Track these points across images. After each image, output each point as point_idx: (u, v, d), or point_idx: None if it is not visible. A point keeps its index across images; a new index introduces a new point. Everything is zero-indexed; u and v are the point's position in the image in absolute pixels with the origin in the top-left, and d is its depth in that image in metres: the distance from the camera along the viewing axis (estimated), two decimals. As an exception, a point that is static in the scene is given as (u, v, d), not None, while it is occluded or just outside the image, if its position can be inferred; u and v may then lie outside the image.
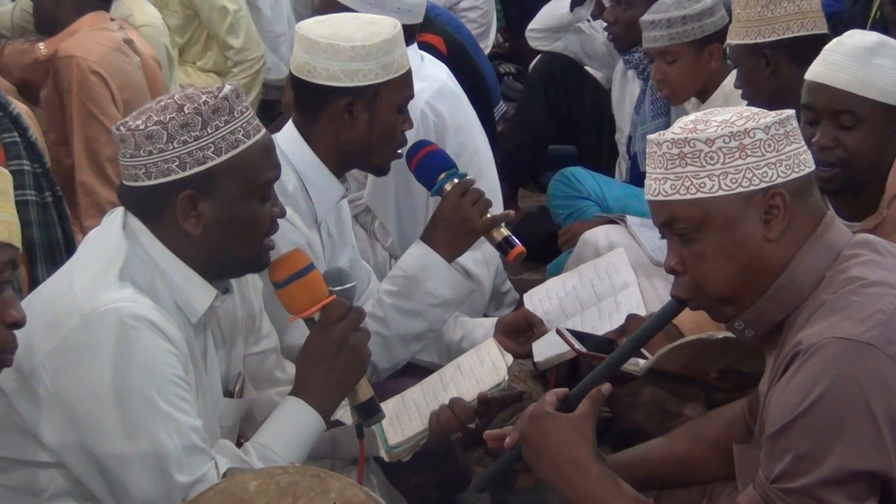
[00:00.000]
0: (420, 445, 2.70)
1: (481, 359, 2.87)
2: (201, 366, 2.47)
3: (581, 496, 2.25)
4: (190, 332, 2.42)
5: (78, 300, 2.31)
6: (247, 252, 2.44)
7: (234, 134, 2.35)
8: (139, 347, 2.27)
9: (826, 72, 2.86)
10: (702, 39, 4.01)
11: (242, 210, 2.39)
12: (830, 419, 1.97)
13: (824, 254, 2.13)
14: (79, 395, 2.29)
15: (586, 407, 2.29)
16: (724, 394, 2.63)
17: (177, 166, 2.33)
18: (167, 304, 2.37)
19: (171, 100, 2.36)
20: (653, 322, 2.43)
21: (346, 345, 2.50)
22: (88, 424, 2.30)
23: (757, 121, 2.09)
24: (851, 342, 1.98)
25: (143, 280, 2.36)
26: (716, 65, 4.05)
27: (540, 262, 4.55)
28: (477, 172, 3.79)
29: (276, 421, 2.50)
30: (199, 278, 2.40)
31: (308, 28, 2.96)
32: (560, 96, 5.34)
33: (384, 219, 3.88)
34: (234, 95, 2.37)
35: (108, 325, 2.27)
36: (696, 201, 2.10)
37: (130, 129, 2.33)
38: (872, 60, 2.83)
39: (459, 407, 2.71)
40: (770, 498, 2.03)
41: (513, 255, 3.13)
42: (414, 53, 3.91)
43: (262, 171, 2.41)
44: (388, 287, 3.20)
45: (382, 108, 2.96)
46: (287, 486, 1.76)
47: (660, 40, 4.02)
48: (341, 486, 1.76)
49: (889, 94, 2.83)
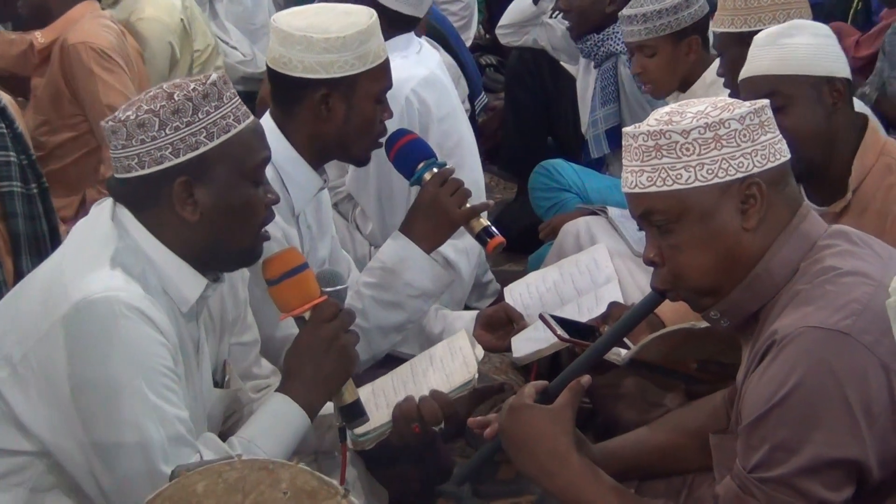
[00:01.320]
0: (385, 435, 2.69)
1: (453, 352, 2.85)
2: (193, 356, 2.47)
3: (561, 488, 2.26)
4: (181, 322, 2.42)
5: (68, 289, 2.31)
6: (242, 240, 2.44)
7: (224, 119, 2.36)
8: (129, 337, 2.27)
9: (747, 67, 2.88)
10: (679, 32, 4.03)
11: (237, 194, 2.39)
12: (806, 408, 1.98)
13: (799, 244, 2.14)
14: (67, 384, 2.29)
15: (566, 398, 2.29)
16: (705, 385, 2.64)
17: (170, 153, 2.33)
18: (157, 293, 2.37)
19: (160, 89, 2.37)
20: (633, 313, 2.44)
21: (335, 345, 2.50)
22: (76, 413, 2.29)
23: (732, 111, 2.10)
24: (826, 331, 1.99)
25: (133, 269, 2.35)
26: (695, 56, 4.06)
27: (521, 253, 4.56)
28: (460, 162, 3.80)
29: (263, 416, 2.51)
30: (188, 268, 2.40)
31: (283, 20, 2.95)
32: (538, 89, 5.36)
33: (365, 206, 3.88)
34: (221, 82, 2.39)
35: (99, 313, 2.27)
36: (672, 193, 2.10)
37: (121, 121, 2.34)
38: (784, 41, 2.85)
39: (428, 410, 2.69)
40: (747, 487, 2.04)
41: (492, 246, 3.12)
42: (413, 42, 3.93)
43: (255, 154, 2.42)
44: (367, 279, 3.19)
45: (360, 98, 2.95)
46: (235, 483, 1.72)
47: (637, 34, 4.04)
48: (291, 474, 1.72)
49: (811, 66, 2.84)
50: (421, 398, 2.70)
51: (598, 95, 4.66)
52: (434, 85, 3.88)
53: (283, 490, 1.71)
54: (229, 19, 5.93)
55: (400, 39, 3.90)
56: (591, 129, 4.68)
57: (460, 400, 2.73)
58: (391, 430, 2.70)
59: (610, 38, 4.64)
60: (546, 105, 5.39)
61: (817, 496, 1.99)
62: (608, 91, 4.65)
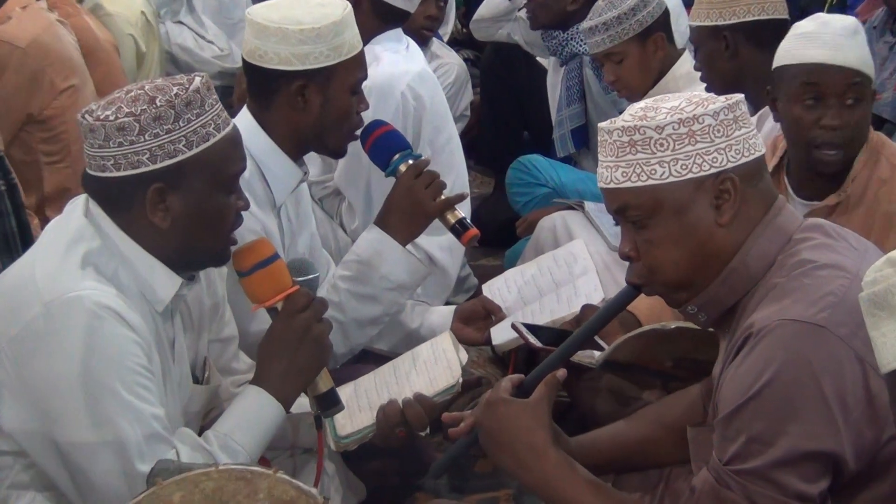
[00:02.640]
0: (367, 438, 2.70)
1: (437, 355, 2.85)
2: (168, 354, 2.46)
3: (538, 481, 2.26)
4: (157, 320, 2.41)
5: (40, 288, 2.30)
6: (213, 246, 2.43)
7: (205, 128, 2.34)
8: (102, 336, 2.26)
9: (831, 53, 2.87)
10: (643, 32, 4.02)
11: (210, 203, 2.38)
12: (782, 401, 1.99)
13: (775, 238, 2.14)
14: (41, 384, 2.28)
15: (542, 392, 2.29)
16: (681, 382, 2.64)
17: (147, 159, 2.31)
18: (131, 292, 2.36)
19: (142, 91, 2.33)
20: (608, 307, 2.44)
21: (308, 335, 2.50)
22: (50, 413, 2.29)
23: (706, 107, 2.10)
24: (802, 324, 2.00)
25: (106, 268, 2.34)
26: (662, 53, 4.06)
27: (498, 248, 4.57)
28: (449, 159, 3.82)
29: (237, 409, 2.50)
30: (163, 267, 2.39)
31: (257, 13, 2.94)
32: (513, 84, 5.36)
33: (354, 199, 3.87)
34: (205, 88, 2.36)
35: (71, 313, 2.26)
36: (647, 188, 2.11)
37: (99, 120, 2.31)
38: (860, 40, 2.89)
39: (414, 414, 2.69)
40: (724, 480, 2.04)
41: (466, 238, 3.12)
42: (403, 38, 3.92)
43: (231, 165, 2.41)
44: (343, 272, 3.18)
45: (335, 90, 2.95)
46: (213, 493, 1.71)
47: (602, 44, 4.03)
48: (269, 484, 1.71)
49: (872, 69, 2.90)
50: (405, 402, 2.70)
51: (563, 95, 4.67)
52: (427, 81, 3.89)
53: (261, 500, 1.70)
54: (206, 13, 5.91)
55: (392, 34, 3.91)
56: (557, 128, 4.69)
57: (444, 403, 2.73)
58: (375, 433, 2.70)
59: (574, 38, 4.63)
60: (521, 100, 5.40)
61: (793, 488, 1.99)
62: (573, 91, 4.66)
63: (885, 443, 2.03)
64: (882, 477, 2.04)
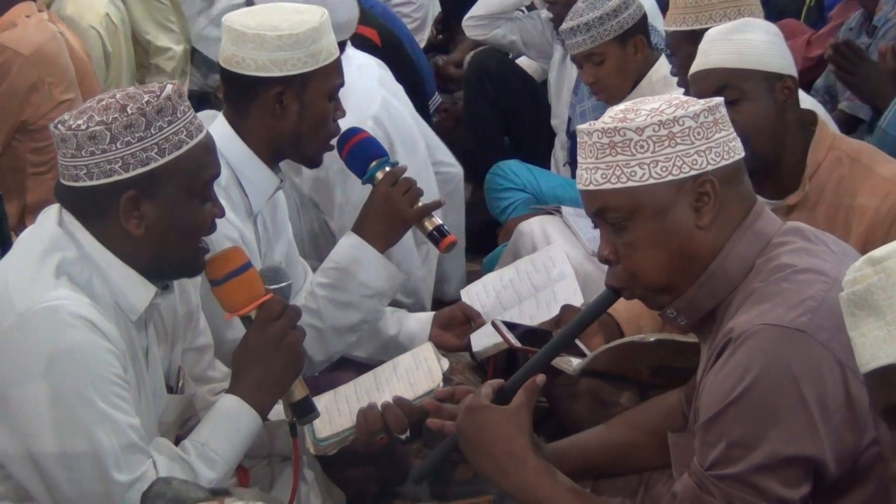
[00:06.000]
0: (348, 441, 2.69)
1: (417, 362, 2.85)
2: (143, 363, 2.45)
3: (518, 488, 2.25)
4: (131, 330, 2.40)
5: (13, 298, 2.28)
6: (184, 254, 2.42)
7: (177, 135, 2.33)
8: (76, 345, 2.25)
9: (699, 61, 2.90)
10: (623, 34, 4.03)
11: (184, 210, 2.37)
12: (763, 406, 1.98)
13: (754, 242, 2.14)
14: (15, 395, 2.26)
15: (522, 398, 2.29)
16: (658, 390, 2.64)
17: (120, 167, 2.29)
18: (105, 301, 2.35)
19: (113, 99, 2.32)
20: (587, 311, 2.43)
21: (283, 343, 2.49)
22: (26, 424, 2.27)
23: (686, 109, 2.10)
24: (782, 329, 1.99)
25: (79, 278, 2.33)
26: (641, 56, 4.07)
27: (477, 253, 4.55)
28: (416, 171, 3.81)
29: (214, 418, 2.49)
30: (137, 276, 2.38)
31: (234, 19, 2.93)
32: (495, 89, 5.36)
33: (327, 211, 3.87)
34: (176, 95, 2.35)
35: (45, 323, 2.25)
36: (626, 190, 2.10)
37: (71, 129, 2.30)
38: (736, 36, 2.88)
39: (393, 417, 2.68)
40: (704, 485, 2.04)
41: (444, 245, 3.13)
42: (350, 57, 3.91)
43: (204, 172, 2.39)
44: (321, 279, 3.18)
45: (313, 96, 2.94)
46: None
47: (583, 44, 4.04)
48: None
49: (764, 62, 2.87)
50: (384, 405, 2.69)
51: (585, 87, 4.61)
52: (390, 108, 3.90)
53: None
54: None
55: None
56: (578, 120, 4.62)
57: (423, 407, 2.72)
58: (355, 436, 2.69)
59: None
60: (502, 106, 5.39)
61: (774, 493, 1.99)
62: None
63: (866, 447, 2.02)
64: (863, 481, 2.04)
